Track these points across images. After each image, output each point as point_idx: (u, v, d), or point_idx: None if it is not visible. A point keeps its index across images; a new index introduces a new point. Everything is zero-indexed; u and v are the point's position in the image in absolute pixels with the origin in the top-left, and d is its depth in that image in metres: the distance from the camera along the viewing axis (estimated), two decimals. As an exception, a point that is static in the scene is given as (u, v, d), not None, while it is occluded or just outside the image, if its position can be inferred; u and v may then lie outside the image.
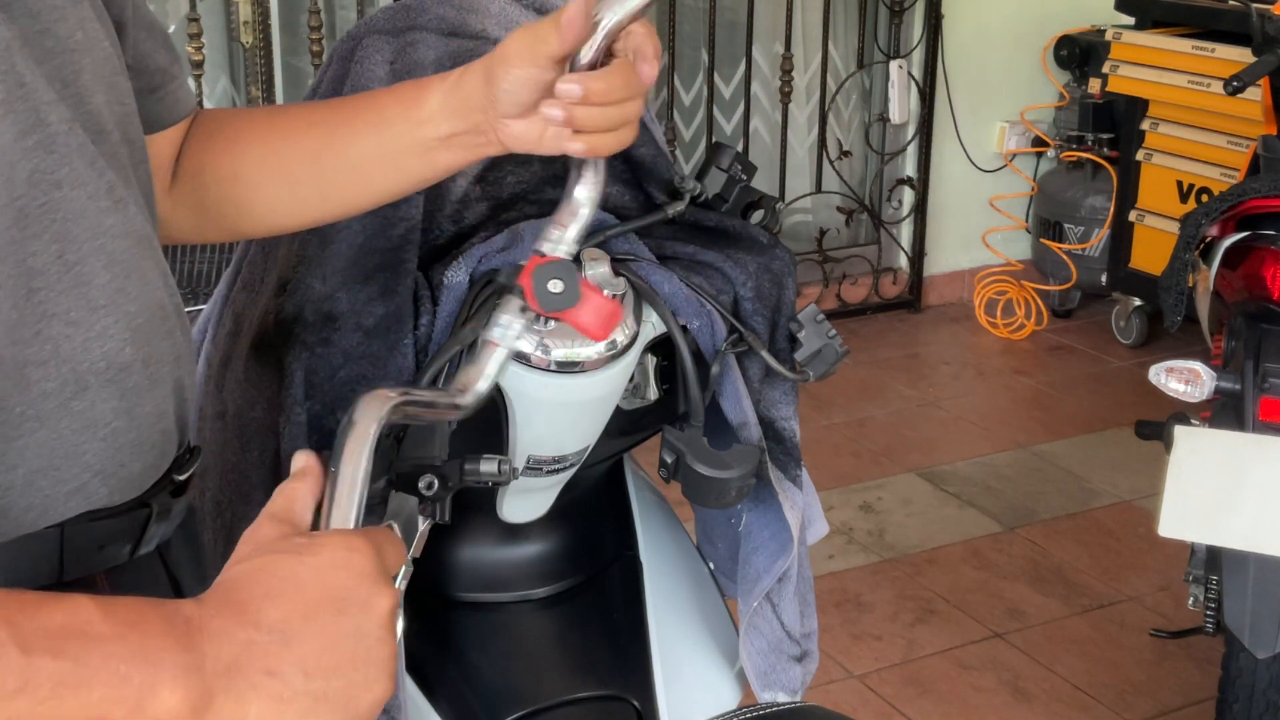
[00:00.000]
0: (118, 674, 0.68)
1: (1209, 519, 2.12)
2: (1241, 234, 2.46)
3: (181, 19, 3.62)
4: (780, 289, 1.33)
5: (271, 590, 0.74)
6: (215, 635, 0.72)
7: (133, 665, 0.68)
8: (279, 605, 0.74)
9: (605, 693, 1.33)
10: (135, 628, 0.70)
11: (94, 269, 0.87)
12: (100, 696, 0.67)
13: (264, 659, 0.72)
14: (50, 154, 0.85)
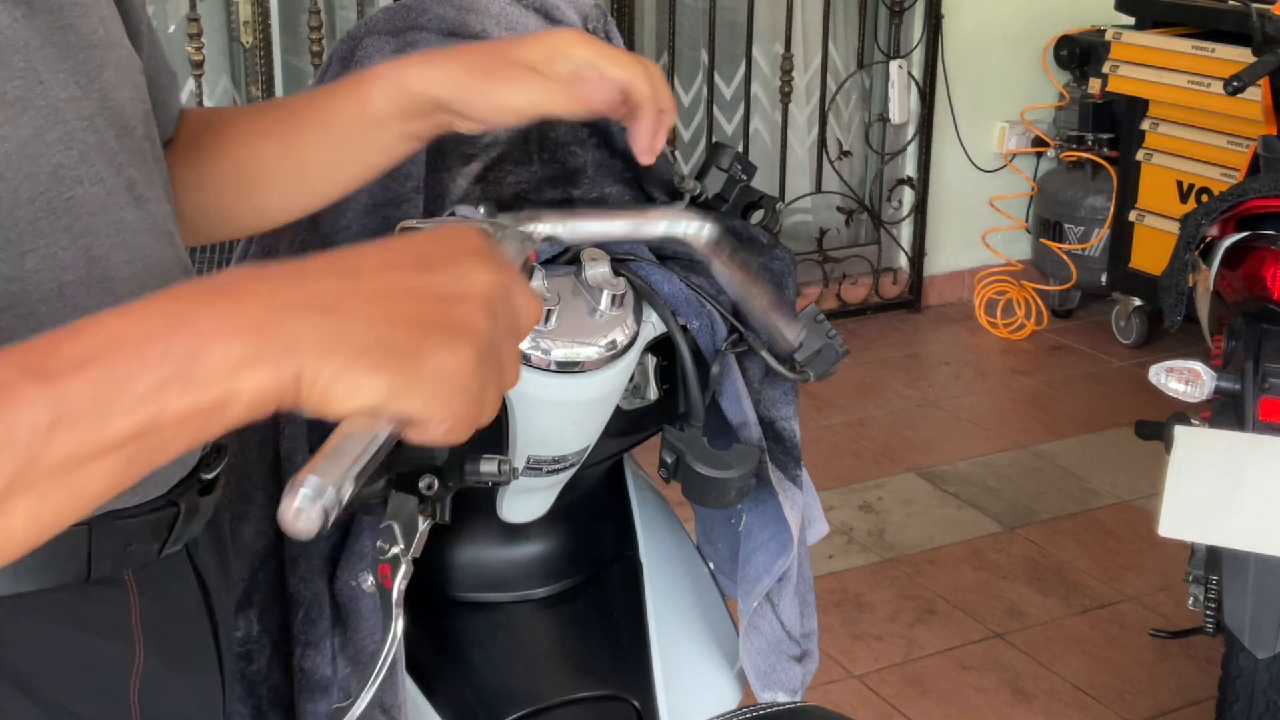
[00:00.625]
0: (155, 355, 0.60)
1: (1209, 519, 2.12)
2: (1241, 234, 2.46)
3: (181, 19, 3.62)
4: (780, 289, 1.33)
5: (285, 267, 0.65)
6: (256, 279, 0.63)
7: (169, 338, 0.60)
8: (286, 268, 0.64)
9: (605, 693, 1.34)
10: (156, 306, 0.62)
11: (117, 264, 0.87)
12: (145, 388, 0.60)
13: (315, 295, 0.63)
14: (70, 150, 0.85)
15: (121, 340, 0.60)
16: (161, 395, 0.60)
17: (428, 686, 1.32)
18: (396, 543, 1.09)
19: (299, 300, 0.63)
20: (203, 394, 0.60)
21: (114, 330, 0.60)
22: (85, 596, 0.81)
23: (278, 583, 1.26)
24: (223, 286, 0.63)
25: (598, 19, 1.35)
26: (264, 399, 0.62)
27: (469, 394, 0.64)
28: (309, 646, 1.23)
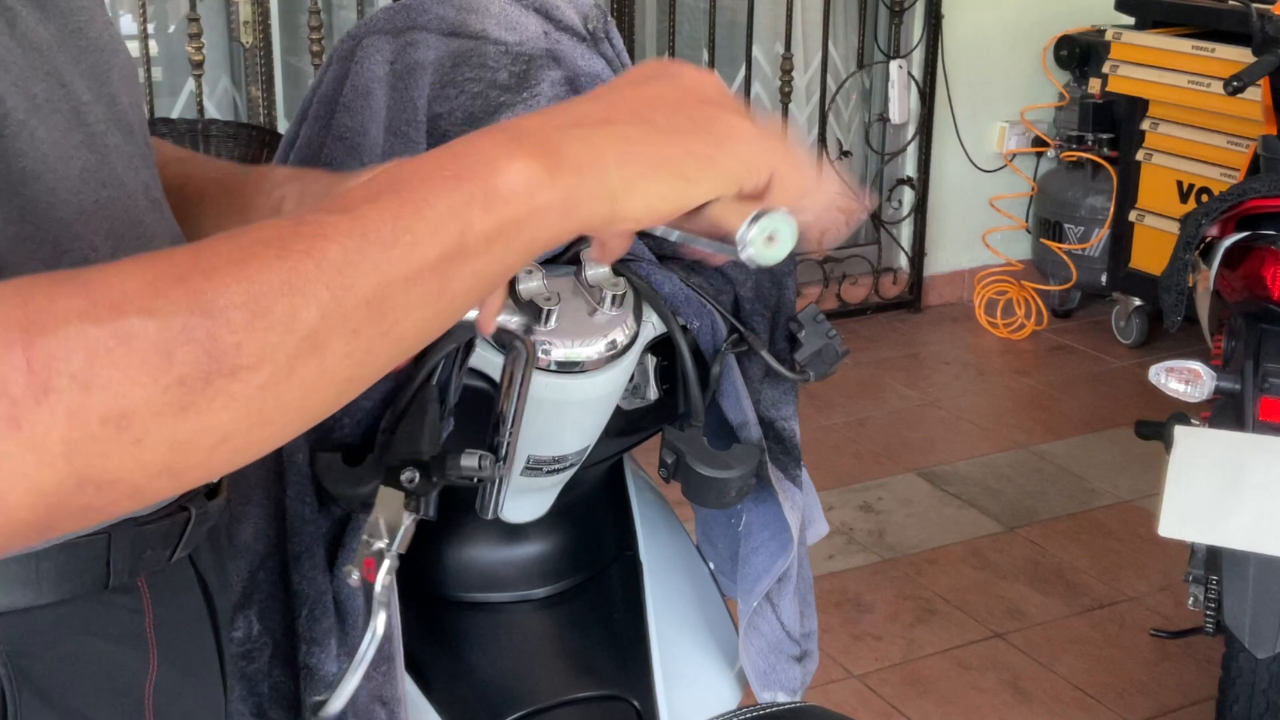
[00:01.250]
0: (449, 179, 0.61)
1: (1209, 519, 2.12)
2: (1241, 234, 2.46)
3: (181, 19, 3.62)
4: (780, 289, 1.33)
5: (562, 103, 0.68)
6: (524, 118, 0.66)
7: (461, 161, 0.62)
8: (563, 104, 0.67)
9: (605, 693, 1.34)
10: (437, 151, 0.63)
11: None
12: (446, 207, 0.61)
13: (564, 123, 0.65)
14: (93, 153, 0.85)
15: (412, 173, 0.61)
16: (464, 214, 0.61)
17: (428, 686, 1.32)
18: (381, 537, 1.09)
19: (573, 120, 0.64)
20: (503, 211, 0.61)
21: (403, 169, 0.61)
22: (102, 604, 0.81)
23: (279, 581, 1.26)
24: (495, 127, 0.64)
25: (598, 19, 1.35)
26: (561, 217, 0.63)
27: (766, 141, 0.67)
28: (313, 644, 1.23)
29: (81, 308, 0.57)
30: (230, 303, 0.58)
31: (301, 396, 0.61)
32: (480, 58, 1.29)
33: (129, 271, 0.58)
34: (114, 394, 0.57)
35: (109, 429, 0.58)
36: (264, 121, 3.64)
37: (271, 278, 0.59)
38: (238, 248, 0.59)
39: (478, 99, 1.30)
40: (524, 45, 1.31)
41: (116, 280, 0.58)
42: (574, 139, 0.63)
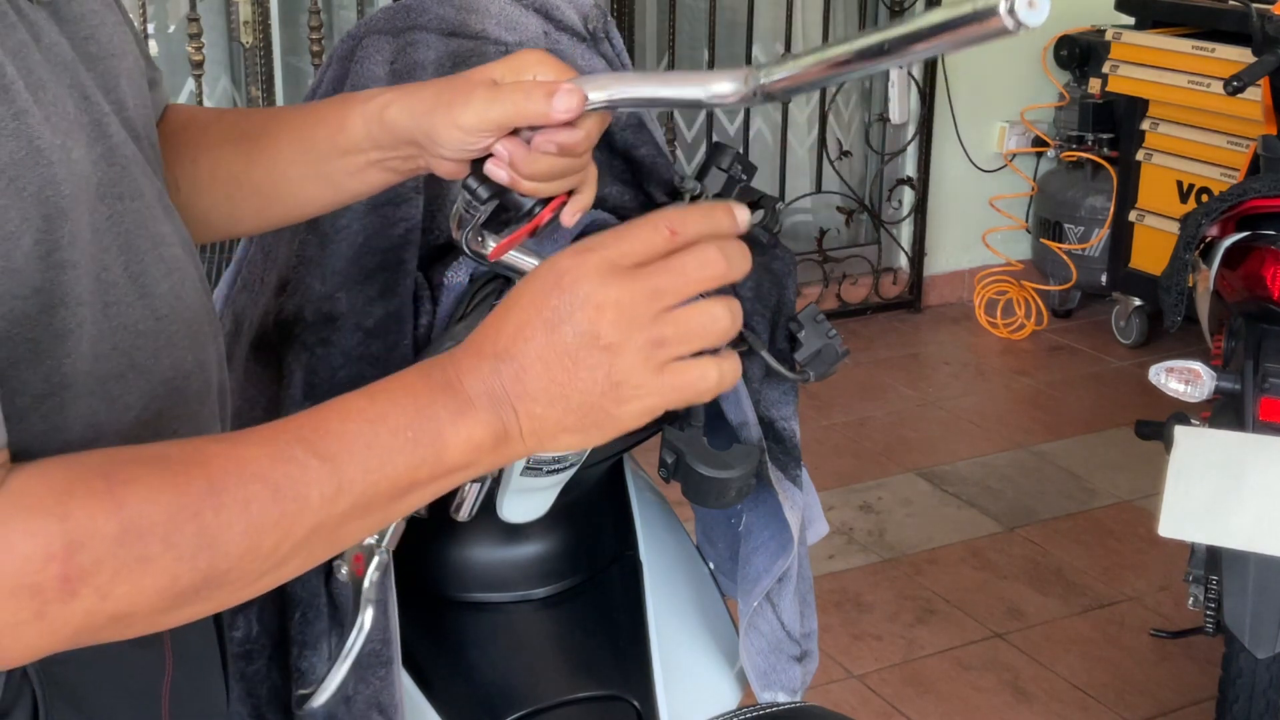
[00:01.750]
0: (408, 442, 0.75)
1: (1209, 519, 2.12)
2: (1241, 234, 2.46)
3: (181, 19, 3.62)
4: (780, 289, 1.33)
5: (501, 323, 0.77)
6: (468, 373, 0.77)
7: (418, 429, 0.75)
8: (505, 329, 0.77)
9: (605, 693, 1.34)
10: (404, 399, 0.76)
11: (155, 278, 0.87)
12: (403, 465, 0.75)
13: (510, 375, 0.76)
14: (113, 165, 0.85)
15: (379, 424, 0.75)
16: (415, 473, 0.76)
17: (427, 686, 1.32)
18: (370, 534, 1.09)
19: (516, 392, 0.76)
20: (445, 468, 0.77)
21: (371, 415, 0.76)
22: None
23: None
24: (450, 380, 0.77)
25: (598, 19, 1.35)
26: (490, 467, 0.79)
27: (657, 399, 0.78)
28: (305, 647, 1.23)
29: (115, 533, 0.70)
30: (232, 540, 0.73)
31: (256, 592, 0.77)
32: (480, 58, 1.29)
33: (154, 497, 0.71)
34: (125, 603, 0.71)
35: (112, 624, 0.72)
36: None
37: (266, 520, 0.73)
38: (243, 482, 0.73)
39: (478, 99, 1.30)
40: (524, 45, 1.31)
41: (145, 507, 0.71)
42: (513, 418, 0.77)
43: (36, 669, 0.83)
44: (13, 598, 0.69)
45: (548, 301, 0.76)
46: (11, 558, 0.69)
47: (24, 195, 0.75)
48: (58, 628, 0.71)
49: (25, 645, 0.71)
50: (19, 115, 0.75)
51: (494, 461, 0.78)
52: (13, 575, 0.69)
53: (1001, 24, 0.72)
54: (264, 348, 1.24)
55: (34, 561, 0.69)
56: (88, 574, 0.70)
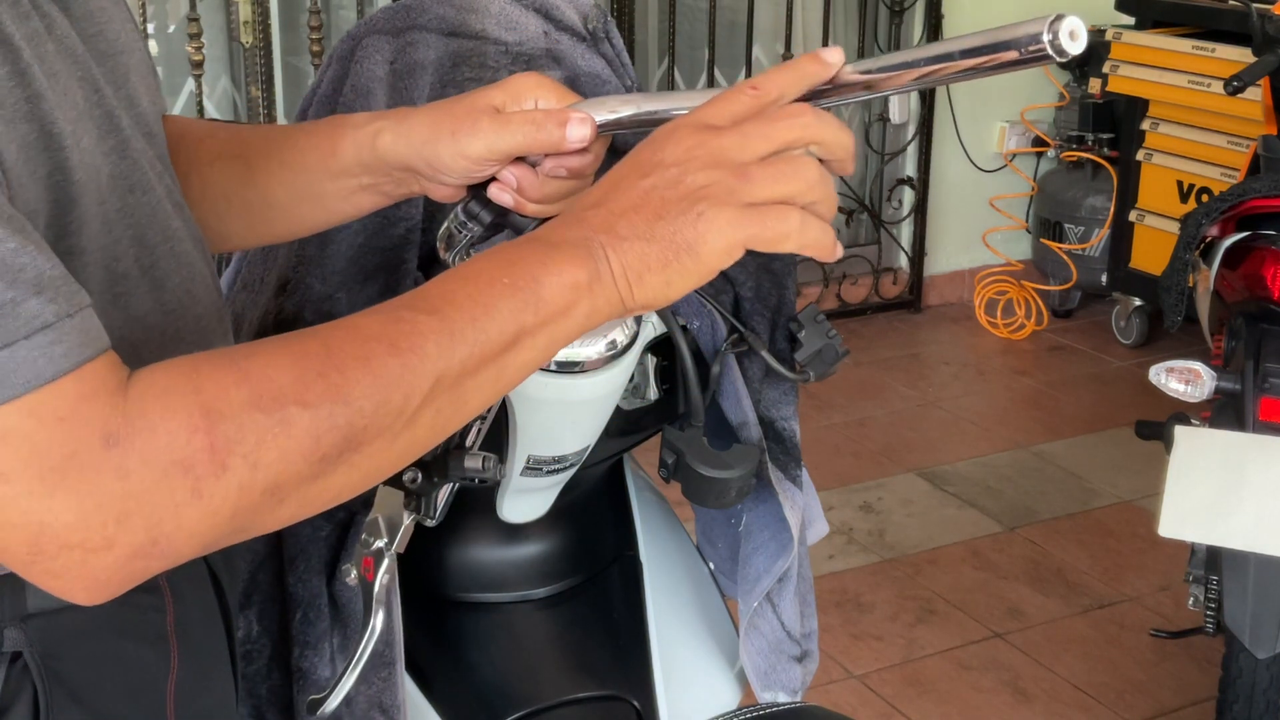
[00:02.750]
0: (507, 288, 0.78)
1: (1209, 519, 2.12)
2: (1241, 234, 2.46)
3: (181, 19, 3.62)
4: (780, 289, 1.33)
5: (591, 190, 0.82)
6: (559, 225, 0.81)
7: (514, 275, 0.78)
8: (596, 190, 0.82)
9: (605, 693, 1.33)
10: (499, 256, 0.79)
11: (167, 272, 0.88)
12: (507, 310, 0.77)
13: (600, 221, 0.80)
14: (124, 159, 0.85)
15: (478, 277, 0.78)
16: (520, 317, 0.78)
17: (428, 686, 1.32)
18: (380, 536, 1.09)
19: (605, 233, 0.79)
20: (547, 313, 0.78)
21: (468, 274, 0.78)
22: (128, 604, 0.82)
23: (277, 583, 1.26)
24: (542, 237, 0.80)
25: (598, 19, 1.35)
26: (589, 312, 0.80)
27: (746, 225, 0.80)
28: (306, 647, 1.23)
29: (249, 398, 0.71)
30: (362, 394, 0.74)
31: (397, 458, 0.78)
32: (480, 58, 1.29)
33: (276, 363, 0.73)
34: (275, 470, 0.72)
35: (267, 498, 0.73)
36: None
37: (389, 373, 0.74)
38: (360, 342, 0.75)
39: (478, 99, 1.30)
40: (524, 45, 1.31)
41: (270, 372, 0.72)
42: (601, 258, 0.79)
43: (38, 663, 0.84)
44: (166, 477, 0.70)
45: (640, 156, 0.81)
46: (155, 436, 0.70)
47: (35, 177, 0.76)
48: (217, 505, 0.71)
49: (189, 530, 0.71)
50: (33, 99, 0.76)
51: (593, 308, 0.79)
52: (161, 453, 0.69)
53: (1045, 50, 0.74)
54: (264, 348, 1.24)
55: (179, 436, 0.70)
56: (233, 442, 0.71)
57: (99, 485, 0.69)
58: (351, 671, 1.08)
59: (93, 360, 0.71)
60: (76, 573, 0.70)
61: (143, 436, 0.69)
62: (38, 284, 0.70)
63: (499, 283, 0.77)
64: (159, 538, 0.71)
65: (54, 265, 0.72)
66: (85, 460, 0.69)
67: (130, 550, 0.70)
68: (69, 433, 0.68)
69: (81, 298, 0.72)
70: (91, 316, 0.73)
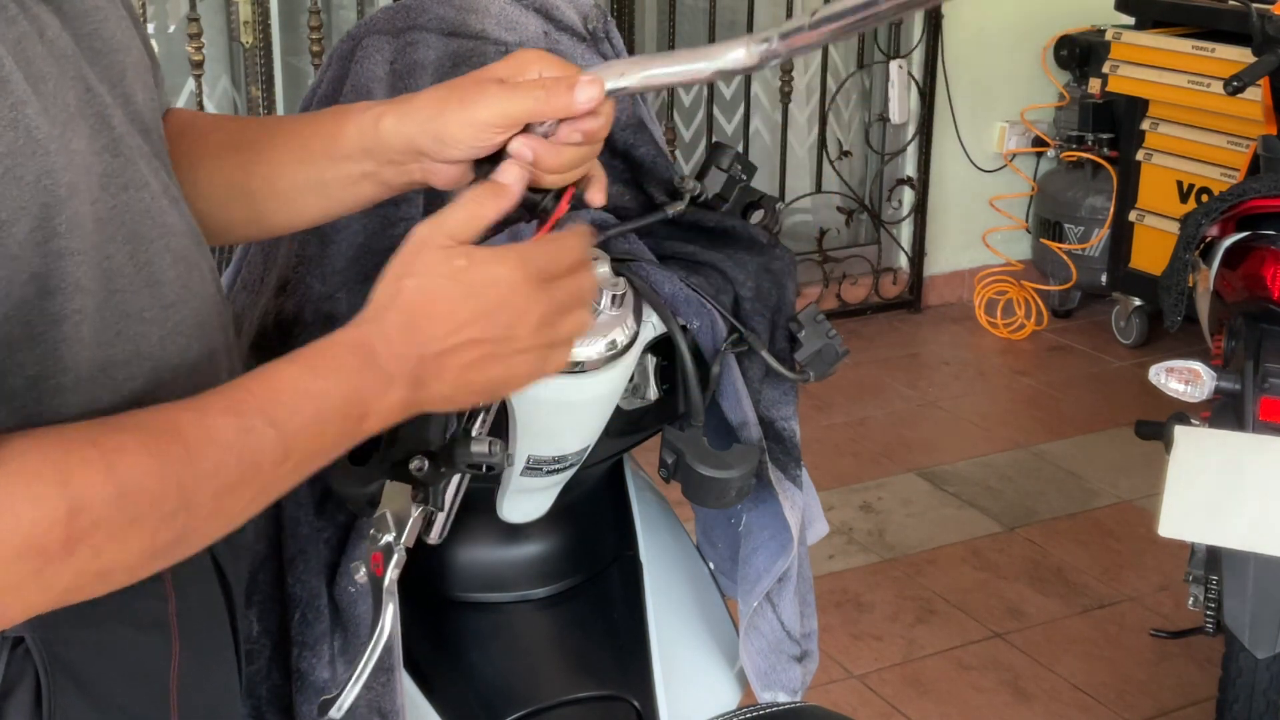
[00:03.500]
0: (338, 415, 0.86)
1: (1209, 519, 2.12)
2: (1241, 234, 2.46)
3: (181, 19, 3.62)
4: (780, 289, 1.33)
5: (433, 312, 0.88)
6: (393, 357, 0.87)
7: (348, 402, 0.86)
8: (438, 317, 0.88)
9: (605, 693, 1.33)
10: (334, 371, 0.86)
11: (162, 267, 0.89)
12: (334, 433, 0.87)
13: (433, 369, 0.89)
14: (116, 157, 0.86)
15: (322, 400, 0.85)
16: (341, 439, 0.88)
17: (428, 686, 1.32)
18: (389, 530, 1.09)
19: (434, 369, 0.88)
20: (364, 435, 0.89)
21: (315, 392, 0.85)
22: (131, 592, 0.85)
23: (277, 584, 1.26)
24: (381, 366, 0.87)
25: (598, 19, 1.35)
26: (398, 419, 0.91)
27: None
28: (305, 648, 1.23)
29: (111, 497, 0.77)
30: (204, 502, 0.81)
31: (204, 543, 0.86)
32: (480, 58, 1.29)
33: (143, 467, 0.78)
34: (111, 559, 0.78)
35: (95, 580, 0.79)
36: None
37: (230, 483, 0.82)
38: (217, 450, 0.81)
39: (478, 99, 1.30)
40: (524, 45, 1.31)
41: (136, 475, 0.78)
42: (428, 389, 0.89)
43: (40, 648, 0.85)
44: (19, 560, 0.74)
45: (483, 305, 0.89)
46: (19, 523, 0.74)
47: (22, 183, 0.77)
48: (52, 584, 0.76)
49: (24, 604, 0.77)
50: (16, 106, 0.77)
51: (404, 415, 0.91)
52: (21, 539, 0.74)
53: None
54: (264, 348, 1.24)
55: (40, 525, 0.74)
56: (86, 534, 0.76)
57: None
58: (363, 670, 1.08)
59: None
60: None
61: (5, 520, 0.73)
62: None
63: (340, 409, 0.86)
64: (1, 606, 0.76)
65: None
66: None
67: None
68: None
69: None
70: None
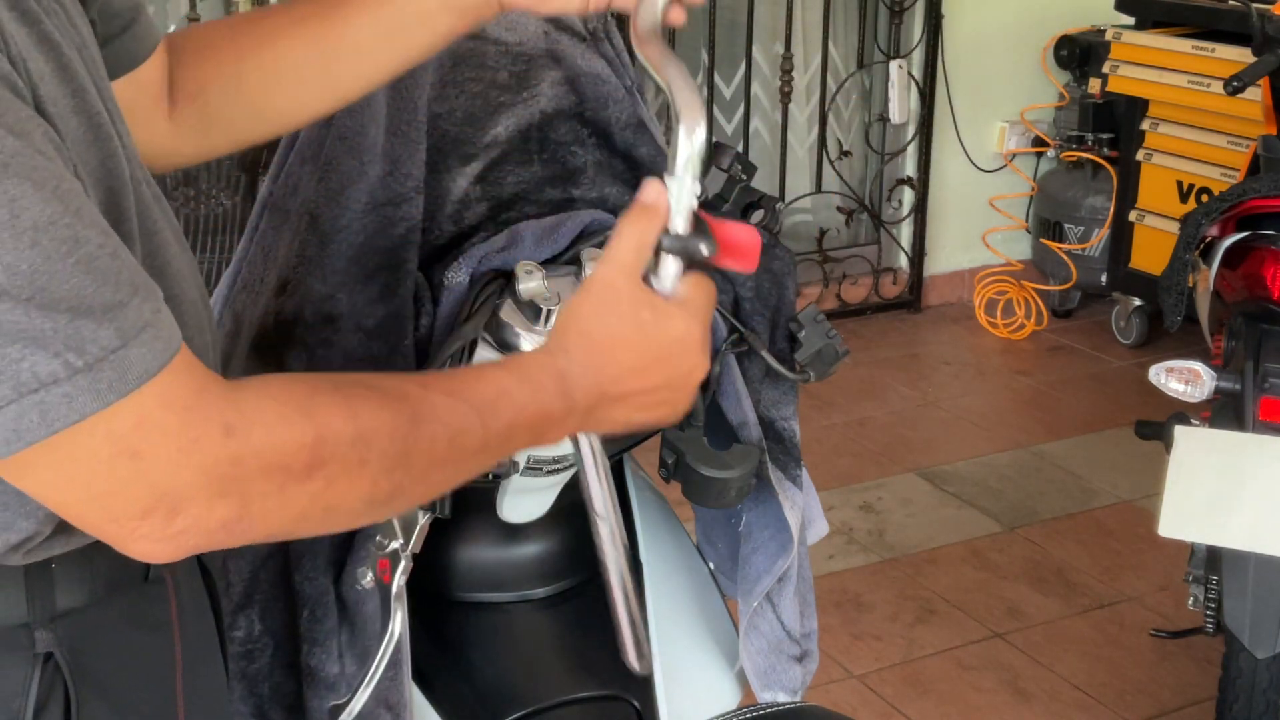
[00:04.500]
0: (531, 429, 0.94)
1: (1209, 519, 2.12)
2: (1241, 234, 2.46)
3: (181, 18, 3.62)
4: (780, 289, 1.33)
5: (620, 359, 0.96)
6: (579, 388, 0.95)
7: (538, 417, 0.93)
8: (624, 366, 0.96)
9: (605, 693, 1.34)
10: (535, 388, 0.93)
11: (166, 259, 0.91)
12: (523, 440, 0.94)
13: (609, 405, 0.97)
14: (112, 157, 0.87)
15: (521, 413, 0.92)
16: (526, 446, 0.96)
17: (428, 686, 1.32)
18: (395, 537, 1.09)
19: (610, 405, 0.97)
20: (545, 443, 0.97)
21: (520, 403, 0.92)
22: (140, 595, 0.88)
23: (280, 582, 1.26)
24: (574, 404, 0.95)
25: (598, 19, 1.35)
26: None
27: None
28: (315, 644, 1.23)
29: (350, 438, 0.83)
30: (417, 465, 0.87)
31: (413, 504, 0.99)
32: (480, 58, 1.29)
33: (378, 418, 0.85)
34: (339, 495, 0.84)
35: (326, 512, 0.85)
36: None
37: (438, 456, 0.88)
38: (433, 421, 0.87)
39: (478, 99, 1.30)
40: (524, 45, 1.31)
41: (372, 423, 0.84)
42: (597, 409, 0.96)
43: (67, 661, 0.87)
44: (268, 472, 0.80)
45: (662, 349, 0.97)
46: (273, 440, 0.80)
47: (89, 168, 0.80)
48: (289, 504, 0.82)
49: (265, 519, 0.82)
50: (79, 93, 0.80)
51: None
52: (272, 454, 0.80)
53: None
54: (264, 348, 1.24)
55: (290, 445, 0.81)
56: (325, 463, 0.82)
57: (216, 466, 0.79)
58: (373, 676, 1.08)
59: (179, 353, 0.79)
60: (174, 534, 0.79)
61: (259, 435, 0.80)
62: (133, 283, 0.77)
63: (530, 422, 0.93)
64: (244, 517, 0.81)
65: (132, 260, 0.79)
66: (207, 446, 0.78)
67: (222, 522, 0.80)
68: (194, 421, 0.78)
69: (157, 293, 0.79)
70: (168, 310, 0.80)
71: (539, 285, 1.13)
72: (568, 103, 1.30)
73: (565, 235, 1.24)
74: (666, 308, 0.97)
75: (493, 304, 1.18)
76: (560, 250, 1.25)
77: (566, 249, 1.25)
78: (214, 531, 0.81)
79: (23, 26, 0.78)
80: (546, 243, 1.24)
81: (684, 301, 0.98)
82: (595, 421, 0.97)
